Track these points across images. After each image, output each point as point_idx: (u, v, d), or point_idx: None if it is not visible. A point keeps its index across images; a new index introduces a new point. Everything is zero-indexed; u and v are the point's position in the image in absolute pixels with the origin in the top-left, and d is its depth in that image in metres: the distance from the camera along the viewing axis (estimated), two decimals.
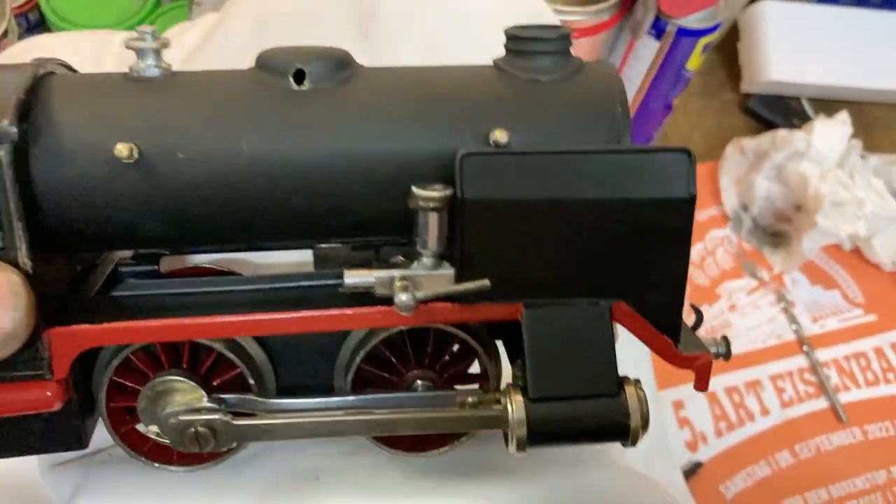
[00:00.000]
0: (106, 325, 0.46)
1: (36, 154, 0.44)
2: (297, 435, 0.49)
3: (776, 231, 1.28)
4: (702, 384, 0.49)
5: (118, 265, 0.54)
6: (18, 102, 0.43)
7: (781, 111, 1.38)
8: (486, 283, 0.45)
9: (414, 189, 0.45)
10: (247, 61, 0.75)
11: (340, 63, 0.49)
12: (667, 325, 0.48)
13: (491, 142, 0.47)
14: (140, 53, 0.48)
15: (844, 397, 1.16)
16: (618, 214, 0.45)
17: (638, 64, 1.14)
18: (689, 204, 0.45)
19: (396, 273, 0.47)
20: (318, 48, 0.49)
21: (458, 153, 0.44)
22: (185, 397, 0.49)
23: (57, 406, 0.46)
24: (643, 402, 0.47)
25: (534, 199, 0.45)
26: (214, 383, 0.51)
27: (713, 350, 0.50)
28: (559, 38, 0.49)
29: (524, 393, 0.46)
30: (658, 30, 1.09)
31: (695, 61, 1.14)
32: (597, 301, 0.47)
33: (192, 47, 0.77)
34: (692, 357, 0.48)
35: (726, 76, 1.44)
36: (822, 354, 1.20)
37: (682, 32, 1.08)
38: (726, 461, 1.12)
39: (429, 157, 0.47)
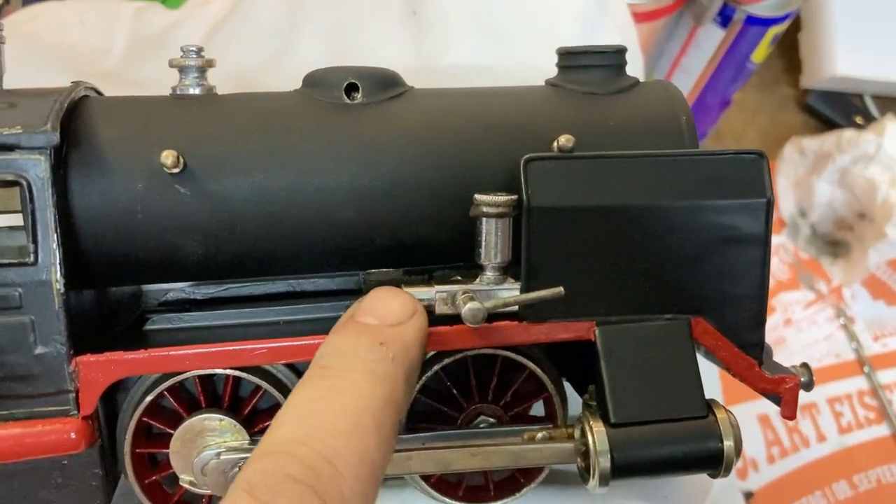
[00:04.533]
0: (142, 353, 0.41)
1: (74, 166, 0.41)
2: None
3: (836, 240, 1.19)
4: (790, 410, 0.45)
5: (144, 312, 0.46)
6: (59, 112, 0.40)
7: (843, 109, 1.28)
8: (560, 290, 0.40)
9: (476, 195, 0.41)
10: (279, 38, 0.66)
11: (392, 80, 0.47)
12: (749, 343, 0.44)
13: (555, 149, 0.44)
14: (183, 71, 0.46)
15: None
16: (691, 221, 0.42)
17: (698, 53, 1.05)
18: (766, 208, 0.43)
19: (459, 288, 0.42)
20: (366, 66, 0.47)
21: (522, 158, 0.41)
22: (224, 439, 0.43)
23: (82, 448, 0.40)
24: (735, 425, 0.42)
25: (603, 206, 0.42)
26: (257, 427, 0.44)
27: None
28: (615, 52, 0.49)
29: (604, 419, 0.42)
30: (725, 17, 0.99)
31: (761, 53, 1.04)
32: (675, 317, 0.43)
33: (214, 20, 0.68)
34: (779, 379, 0.44)
35: (783, 69, 1.33)
36: (885, 376, 1.10)
37: (752, 20, 0.98)
38: (779, 491, 1.03)
39: (489, 168, 0.45)
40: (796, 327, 1.14)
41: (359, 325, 0.38)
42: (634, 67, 0.77)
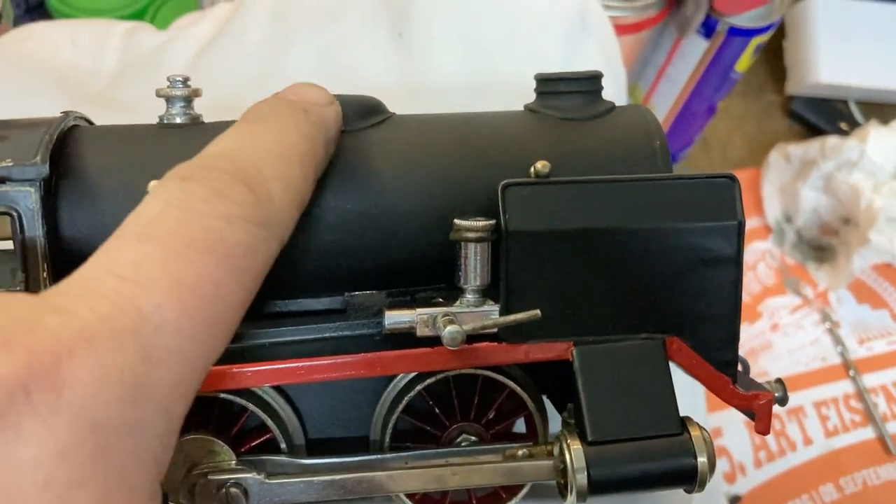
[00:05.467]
0: None
1: (64, 197, 0.42)
2: (336, 495, 0.44)
3: (821, 245, 1.20)
4: (763, 426, 0.46)
5: None
6: (49, 144, 0.41)
7: (827, 115, 1.30)
8: (536, 312, 0.42)
9: (456, 220, 0.43)
10: (267, 59, 0.67)
11: (374, 108, 0.48)
12: (723, 362, 0.45)
13: (532, 174, 0.45)
14: (170, 101, 0.47)
15: (894, 427, 1.08)
16: (665, 243, 0.43)
17: (683, 63, 1.06)
18: (738, 230, 0.44)
19: (439, 311, 0.43)
20: (348, 95, 0.47)
21: (500, 184, 0.42)
22: (210, 459, 0.44)
23: None
24: (708, 442, 0.43)
25: (579, 229, 0.43)
26: (244, 447, 0.46)
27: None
28: (590, 79, 0.50)
29: (581, 437, 0.43)
30: (708, 28, 1.01)
31: (744, 63, 1.05)
32: (650, 336, 0.44)
33: (204, 40, 0.69)
34: (752, 396, 0.45)
35: (769, 76, 1.35)
36: (870, 380, 1.12)
37: (734, 31, 1.00)
38: (766, 494, 1.04)
39: (469, 193, 0.46)
40: (783, 332, 1.15)
41: (284, 98, 0.43)
42: (616, 83, 0.79)
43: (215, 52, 0.67)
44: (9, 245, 0.43)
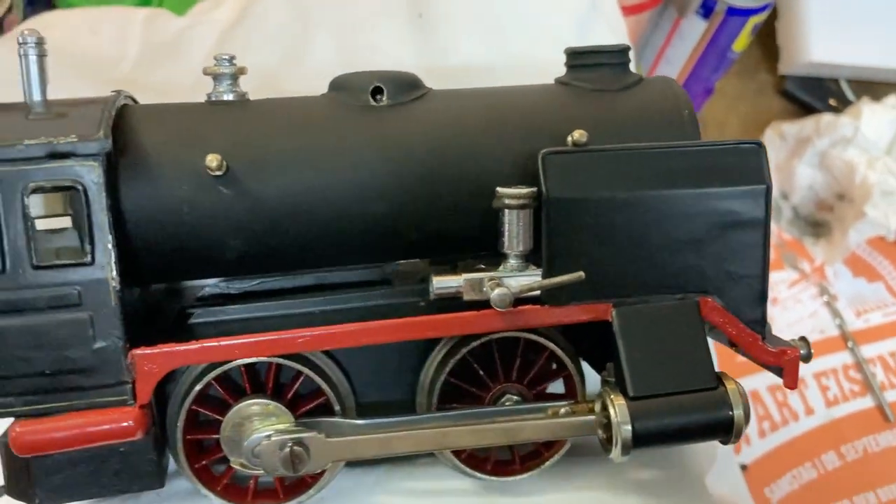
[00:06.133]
0: (194, 344, 0.43)
1: (124, 170, 0.44)
2: (391, 451, 0.46)
3: (817, 221, 1.23)
4: (791, 380, 0.48)
5: (183, 308, 0.48)
6: (109, 120, 0.43)
7: (819, 93, 1.32)
8: (580, 274, 0.44)
9: (499, 189, 0.45)
10: (289, 42, 0.68)
11: (413, 83, 0.50)
12: (752, 319, 0.48)
13: (569, 143, 0.47)
14: (217, 79, 0.48)
15: (891, 395, 1.10)
16: (697, 207, 0.46)
17: (682, 44, 1.08)
18: (765, 194, 0.46)
19: (485, 275, 0.45)
20: (388, 70, 0.50)
21: (539, 153, 0.44)
22: (271, 422, 0.46)
23: (139, 435, 0.43)
24: (743, 394, 0.46)
25: (616, 195, 0.45)
26: (300, 410, 0.47)
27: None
28: (620, 51, 0.52)
29: (623, 393, 0.45)
30: (706, 8, 1.03)
31: (742, 42, 1.08)
32: (685, 296, 0.47)
33: (225, 24, 0.70)
34: (780, 352, 0.47)
35: (762, 56, 1.37)
36: (867, 350, 1.14)
37: (732, 12, 1.02)
38: (771, 463, 1.07)
39: (508, 162, 0.47)
40: (782, 306, 1.18)
41: None
42: None
43: (237, 36, 0.68)
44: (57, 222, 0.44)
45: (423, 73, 0.54)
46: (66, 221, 0.41)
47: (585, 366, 0.52)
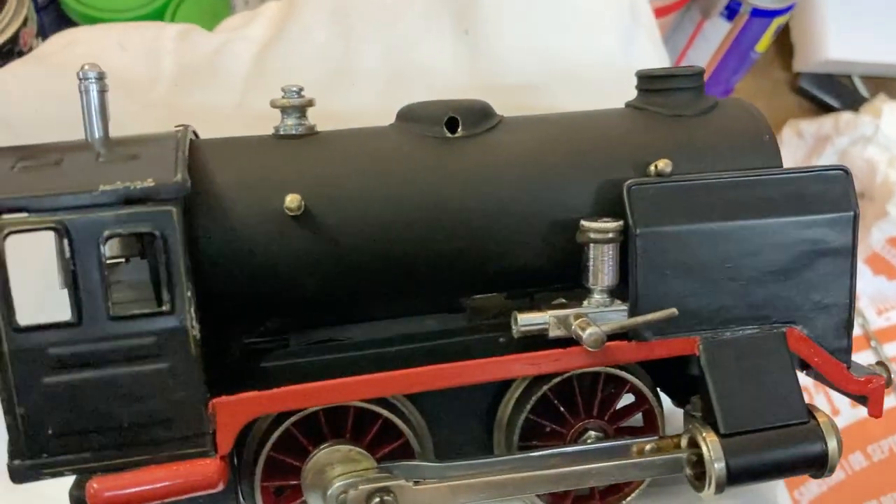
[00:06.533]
0: (277, 391, 0.42)
1: (200, 214, 0.43)
2: (479, 497, 0.45)
3: None
4: (877, 409, 0.48)
5: (247, 343, 0.47)
6: (185, 160, 0.41)
7: (834, 91, 1.31)
8: (673, 311, 0.43)
9: (584, 222, 0.44)
10: (331, 59, 0.66)
11: (486, 112, 0.49)
12: (838, 348, 0.47)
13: (652, 173, 0.46)
14: (285, 112, 0.46)
15: None
16: (784, 237, 0.45)
17: (705, 45, 1.07)
18: (853, 221, 0.46)
19: (571, 312, 0.44)
20: (460, 100, 0.48)
21: (625, 184, 0.44)
22: (353, 468, 0.44)
23: (220, 486, 0.41)
24: (835, 427, 0.45)
25: (703, 227, 0.44)
26: (379, 453, 0.46)
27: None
28: (695, 75, 0.50)
29: (714, 429, 0.44)
30: (731, 10, 1.02)
31: (764, 43, 1.07)
32: (772, 327, 0.46)
33: (261, 41, 0.68)
34: (866, 380, 0.47)
35: (776, 53, 1.36)
36: (890, 349, 1.14)
37: (757, 13, 1.01)
38: None
39: (589, 192, 0.46)
40: None
41: None
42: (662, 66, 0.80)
43: (277, 55, 0.66)
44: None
45: (476, 90, 0.53)
46: (143, 268, 0.40)
47: None
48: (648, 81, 0.51)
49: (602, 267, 0.44)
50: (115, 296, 0.40)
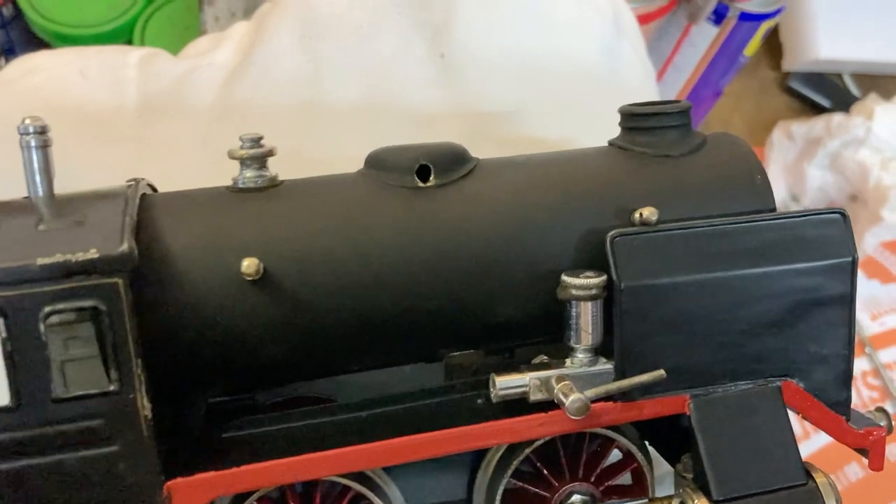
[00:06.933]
0: (237, 470, 0.39)
1: (150, 282, 0.39)
2: None
3: None
4: (877, 463, 0.45)
5: (211, 403, 0.44)
6: (132, 226, 0.38)
7: (824, 90, 1.29)
8: (661, 373, 0.41)
9: (565, 277, 0.41)
10: (301, 85, 0.63)
11: (460, 156, 0.45)
12: (837, 401, 0.45)
13: (636, 221, 0.43)
14: (244, 163, 0.43)
15: None
16: (778, 286, 0.42)
17: (692, 51, 1.04)
18: (851, 267, 0.43)
19: (552, 374, 0.41)
20: (433, 144, 0.45)
21: (608, 235, 0.41)
22: None
23: None
24: (834, 487, 0.43)
25: (692, 278, 0.41)
26: None
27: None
28: (682, 112, 0.48)
29: (705, 494, 0.41)
30: (718, 15, 0.99)
31: (753, 46, 1.04)
32: (766, 382, 0.43)
33: (229, 67, 0.65)
34: (866, 433, 0.45)
35: (765, 53, 1.33)
36: (885, 355, 1.12)
37: (745, 17, 0.98)
38: None
39: (570, 242, 0.44)
40: None
41: None
42: (649, 81, 0.77)
43: (246, 83, 0.63)
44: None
45: (454, 117, 0.50)
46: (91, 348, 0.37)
47: None
48: (632, 119, 0.48)
49: (586, 326, 0.41)
50: (74, 380, 0.37)
